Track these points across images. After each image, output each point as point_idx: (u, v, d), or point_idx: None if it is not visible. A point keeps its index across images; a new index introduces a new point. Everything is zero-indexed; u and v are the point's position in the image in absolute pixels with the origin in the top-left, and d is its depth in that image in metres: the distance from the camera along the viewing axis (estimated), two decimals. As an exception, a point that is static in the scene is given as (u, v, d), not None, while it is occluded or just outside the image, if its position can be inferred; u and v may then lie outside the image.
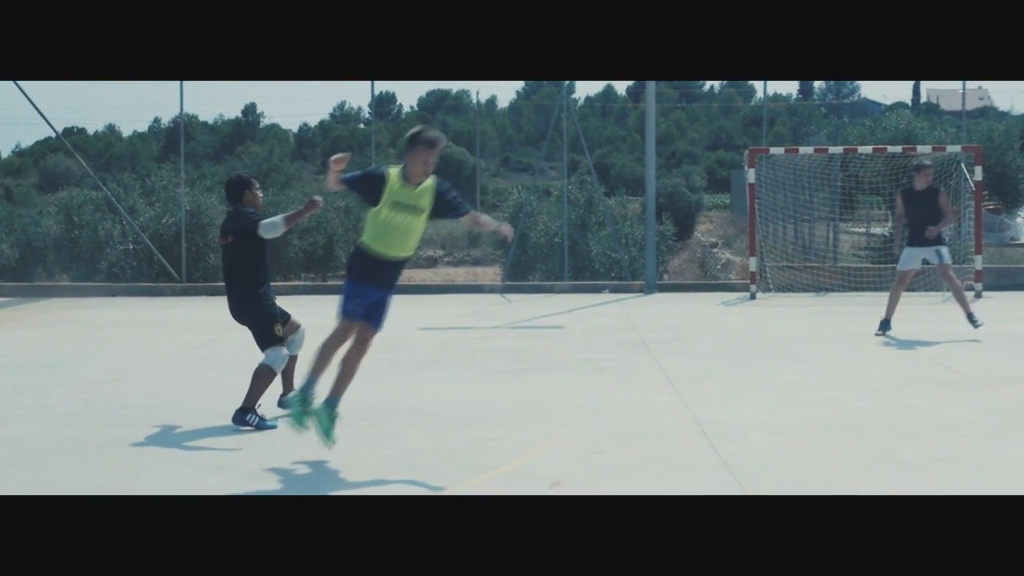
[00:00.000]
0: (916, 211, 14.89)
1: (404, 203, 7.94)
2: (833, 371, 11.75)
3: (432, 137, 7.95)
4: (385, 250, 8.05)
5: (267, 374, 9.35)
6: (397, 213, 7.96)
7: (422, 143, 7.87)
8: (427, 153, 7.87)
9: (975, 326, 14.52)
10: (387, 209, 7.93)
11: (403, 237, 8.08)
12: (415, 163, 7.89)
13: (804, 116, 70.23)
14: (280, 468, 7.80)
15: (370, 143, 31.93)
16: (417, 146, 7.87)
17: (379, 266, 8.08)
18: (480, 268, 37.28)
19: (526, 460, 7.94)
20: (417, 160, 7.88)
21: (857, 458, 7.91)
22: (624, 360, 12.71)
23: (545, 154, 30.80)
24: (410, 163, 7.91)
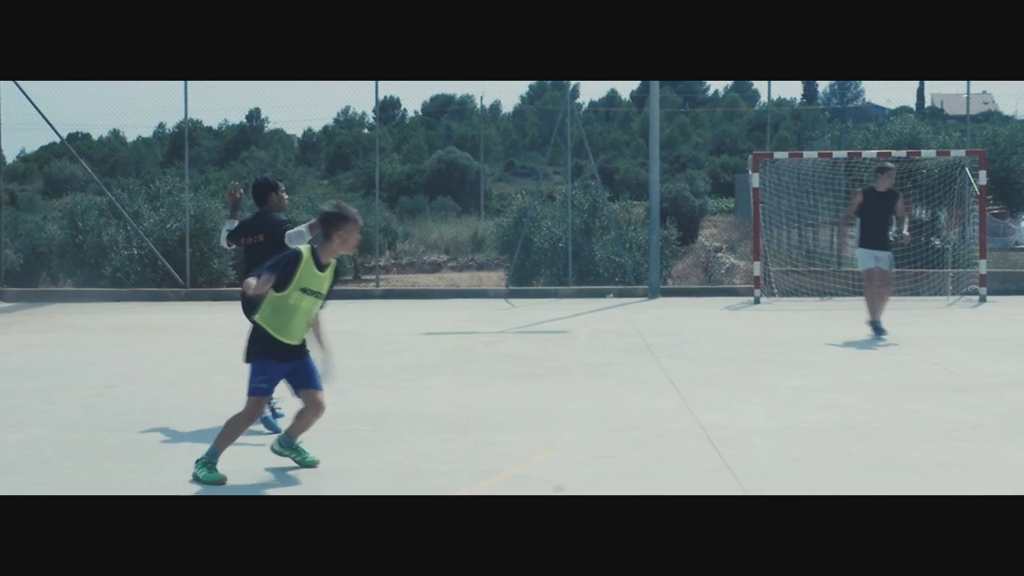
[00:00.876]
0: (875, 212, 15.21)
1: (311, 289, 7.47)
2: (837, 375, 11.73)
3: (356, 213, 7.54)
4: (289, 339, 7.50)
5: None
6: (304, 298, 7.47)
7: (352, 220, 7.45)
8: (355, 231, 7.47)
9: (877, 334, 14.94)
10: (296, 294, 7.42)
11: (305, 324, 7.58)
12: (341, 242, 7.45)
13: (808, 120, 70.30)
14: (282, 472, 7.79)
15: (374, 148, 31.89)
16: (348, 222, 7.42)
17: (285, 348, 7.51)
18: (484, 273, 37.29)
19: (530, 465, 7.93)
20: (345, 238, 7.43)
21: (861, 463, 7.90)
22: (628, 365, 12.69)
23: (549, 159, 30.84)
24: (336, 242, 7.44)
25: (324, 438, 8.94)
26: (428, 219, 51.30)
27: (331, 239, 7.46)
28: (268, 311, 7.46)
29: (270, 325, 7.43)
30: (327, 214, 7.49)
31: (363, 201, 35.48)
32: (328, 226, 7.45)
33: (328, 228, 7.45)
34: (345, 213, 7.47)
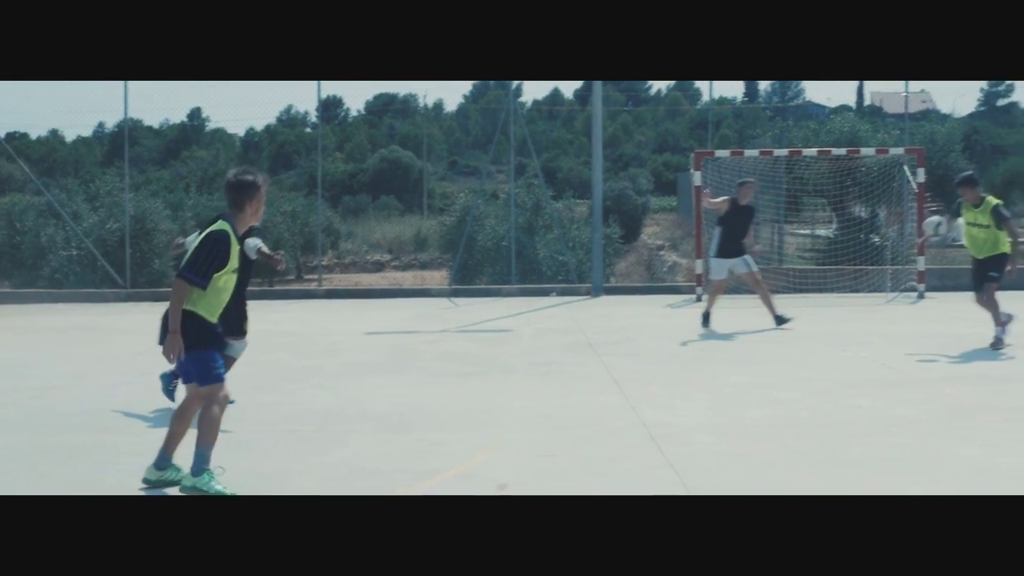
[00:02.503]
0: (734, 223, 15.80)
1: (235, 266, 7.30)
2: (779, 372, 11.83)
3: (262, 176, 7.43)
4: (217, 321, 7.30)
5: (229, 360, 9.78)
6: (232, 277, 7.32)
7: (262, 185, 7.33)
8: (263, 196, 7.35)
9: (780, 324, 15.67)
10: (228, 275, 7.25)
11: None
12: (253, 211, 7.30)
13: (750, 119, 70.81)
14: (225, 473, 7.74)
15: (317, 147, 31.78)
16: (260, 188, 7.29)
17: (217, 332, 7.33)
18: (427, 272, 37.23)
19: (473, 464, 7.94)
20: (257, 206, 7.30)
21: (803, 458, 7.97)
22: (571, 363, 12.73)
23: (492, 157, 30.81)
24: (248, 211, 7.27)
25: (267, 439, 8.91)
26: (371, 218, 51.15)
27: (244, 209, 7.26)
28: (202, 298, 7.15)
29: (206, 311, 7.18)
30: (240, 183, 7.26)
31: (306, 200, 35.29)
32: (241, 195, 7.23)
33: (241, 198, 7.23)
34: (256, 179, 7.32)
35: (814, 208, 30.56)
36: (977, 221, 13.71)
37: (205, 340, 7.15)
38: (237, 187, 7.27)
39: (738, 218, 15.81)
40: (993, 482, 7.16)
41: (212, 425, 7.20)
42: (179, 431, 7.39)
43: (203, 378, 7.22)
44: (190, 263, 7.09)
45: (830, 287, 22.21)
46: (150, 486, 7.33)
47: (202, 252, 7.08)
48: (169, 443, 7.38)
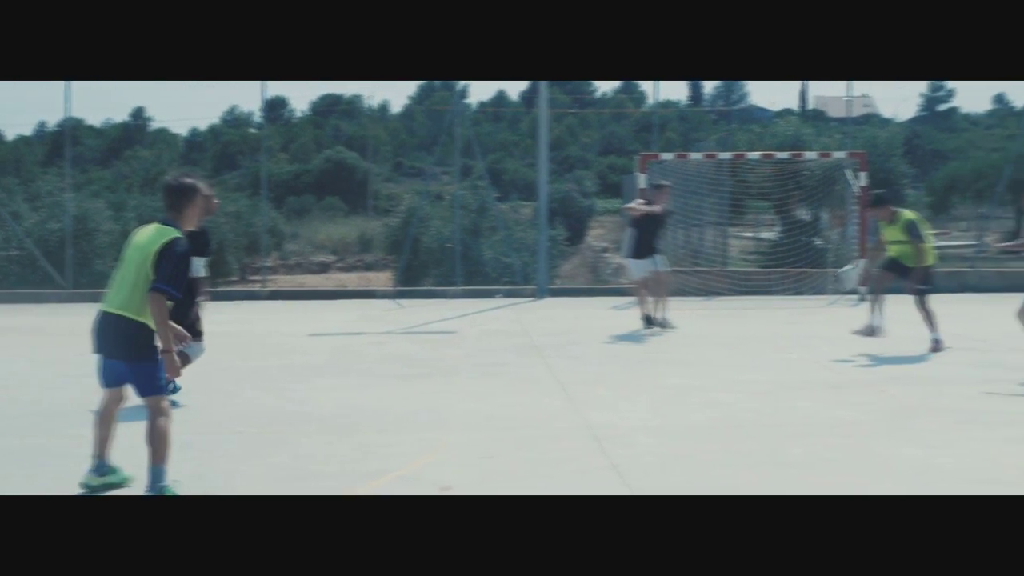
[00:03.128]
0: (650, 226, 16.04)
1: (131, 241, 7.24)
2: (721, 374, 11.90)
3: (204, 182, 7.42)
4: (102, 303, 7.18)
5: (185, 360, 9.67)
6: (124, 250, 7.23)
7: (201, 189, 7.28)
8: (199, 200, 7.28)
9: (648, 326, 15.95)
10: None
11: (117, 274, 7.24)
12: (192, 214, 7.25)
13: (694, 122, 71.15)
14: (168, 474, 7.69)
15: (261, 147, 31.60)
16: (199, 193, 7.23)
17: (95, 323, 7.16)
18: (372, 273, 37.15)
19: (417, 466, 7.93)
20: (195, 209, 7.26)
21: (744, 459, 8.02)
22: (516, 365, 12.75)
23: (438, 159, 30.81)
24: (188, 214, 7.20)
25: (210, 440, 8.86)
26: (316, 219, 50.94)
27: (183, 213, 7.15)
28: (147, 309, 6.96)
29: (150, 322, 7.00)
30: (181, 186, 7.15)
31: (250, 201, 35.08)
32: (181, 199, 7.13)
33: (180, 201, 7.12)
34: (196, 183, 7.24)
35: (758, 211, 30.82)
36: (895, 238, 13.85)
37: (155, 350, 7.01)
38: (177, 190, 7.17)
39: (655, 221, 16.02)
40: (933, 482, 7.25)
41: (165, 439, 7.03)
42: (106, 434, 7.33)
43: (153, 389, 7.07)
44: (170, 277, 6.89)
45: (773, 289, 22.37)
46: (90, 491, 7.24)
47: (180, 265, 6.96)
48: (100, 448, 7.31)
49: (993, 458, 7.96)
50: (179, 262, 6.96)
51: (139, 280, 6.95)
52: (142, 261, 6.96)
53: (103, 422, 7.34)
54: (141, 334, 6.99)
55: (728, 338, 15.17)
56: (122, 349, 7.05)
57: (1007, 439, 8.54)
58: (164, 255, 6.93)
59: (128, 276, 7.01)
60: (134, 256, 7.05)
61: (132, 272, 6.99)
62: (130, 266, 7.03)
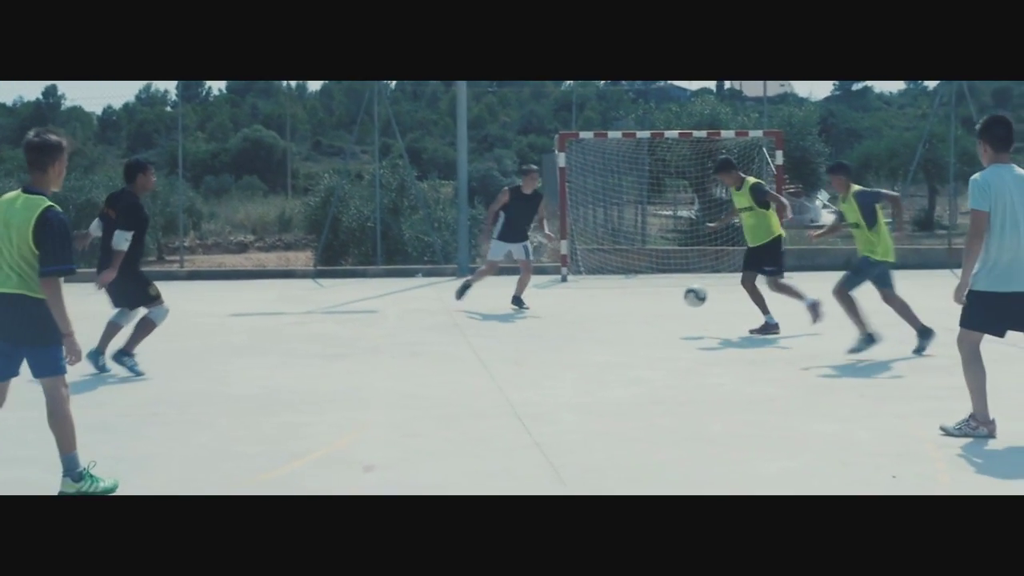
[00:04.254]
0: (519, 210, 15.96)
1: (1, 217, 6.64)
2: (642, 351, 11.99)
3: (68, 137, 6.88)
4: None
5: (150, 326, 10.88)
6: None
7: (67, 146, 6.76)
8: (64, 158, 6.74)
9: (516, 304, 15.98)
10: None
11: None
12: (57, 173, 6.71)
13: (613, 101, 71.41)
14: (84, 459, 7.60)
15: (177, 126, 31.26)
16: (64, 151, 6.72)
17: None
18: (292, 253, 36.91)
19: (340, 445, 7.91)
20: (60, 167, 6.72)
21: (666, 435, 8.10)
22: (438, 343, 12.75)
23: (356, 138, 30.67)
24: (52, 174, 6.67)
25: (130, 422, 8.78)
26: (234, 198, 50.51)
27: (47, 172, 6.66)
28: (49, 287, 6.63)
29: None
30: (45, 143, 6.62)
31: (167, 180, 34.68)
32: (44, 156, 6.61)
33: (44, 159, 6.62)
34: (62, 140, 6.74)
35: (676, 189, 31.01)
36: (741, 205, 13.53)
37: (58, 331, 6.63)
38: (41, 147, 6.62)
39: (522, 204, 15.91)
40: (851, 458, 7.36)
41: (71, 422, 6.74)
42: (70, 430, 6.77)
43: (55, 369, 6.72)
44: (57, 256, 6.51)
45: (692, 267, 22.54)
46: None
47: (62, 238, 6.56)
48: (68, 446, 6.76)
49: (909, 432, 8.10)
50: (60, 235, 6.54)
51: (16, 254, 6.53)
52: (17, 237, 6.51)
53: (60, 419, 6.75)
54: (45, 312, 6.59)
55: (648, 316, 15.28)
56: (26, 332, 6.63)
57: (923, 412, 8.68)
58: (42, 232, 6.50)
59: (12, 255, 6.53)
60: (6, 233, 6.54)
61: (14, 250, 6.53)
62: (5, 241, 6.54)
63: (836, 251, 23.15)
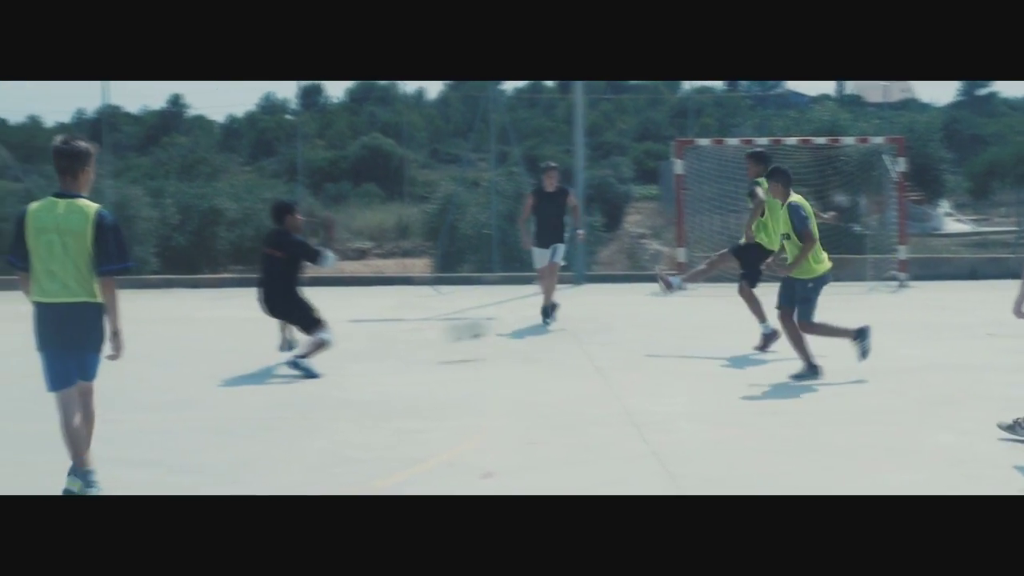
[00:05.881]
0: (546, 210, 15.33)
1: (47, 225, 6.71)
2: (759, 360, 11.86)
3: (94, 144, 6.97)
4: (42, 296, 6.77)
5: (324, 344, 11.51)
6: (40, 237, 6.71)
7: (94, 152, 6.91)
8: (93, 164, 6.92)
9: (545, 317, 15.16)
10: (32, 239, 6.73)
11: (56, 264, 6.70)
12: (87, 179, 6.87)
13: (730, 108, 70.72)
14: (205, 462, 7.73)
15: (297, 134, 31.69)
16: (92, 156, 6.86)
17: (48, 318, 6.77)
18: (410, 260, 37.16)
19: (456, 452, 7.94)
20: (91, 173, 6.89)
21: (785, 446, 8.00)
22: (554, 351, 12.74)
23: (473, 145, 30.81)
24: (83, 179, 6.82)
25: (251, 426, 8.91)
26: (353, 206, 50.97)
27: (78, 177, 6.81)
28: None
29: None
30: (77, 149, 6.78)
31: (287, 188, 35.16)
32: (76, 162, 6.75)
33: (76, 165, 6.76)
34: (90, 147, 6.88)
35: (796, 197, 30.63)
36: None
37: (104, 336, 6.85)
38: (73, 154, 6.76)
39: (547, 204, 15.33)
40: (972, 471, 7.20)
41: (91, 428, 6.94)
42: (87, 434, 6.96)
43: (95, 373, 6.95)
44: (118, 255, 6.73)
45: (811, 275, 22.18)
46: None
47: (120, 237, 6.78)
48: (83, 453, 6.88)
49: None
50: (116, 235, 6.76)
51: (80, 263, 6.67)
52: (76, 245, 6.66)
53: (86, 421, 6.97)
54: (101, 316, 6.78)
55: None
56: (88, 338, 6.79)
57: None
58: (100, 234, 6.68)
59: (67, 262, 6.66)
60: (64, 242, 6.67)
61: (71, 257, 6.66)
62: (62, 250, 6.67)
63: (961, 260, 22.72)
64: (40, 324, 6.77)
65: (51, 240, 6.67)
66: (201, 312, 17.61)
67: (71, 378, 6.84)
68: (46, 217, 6.71)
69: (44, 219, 6.70)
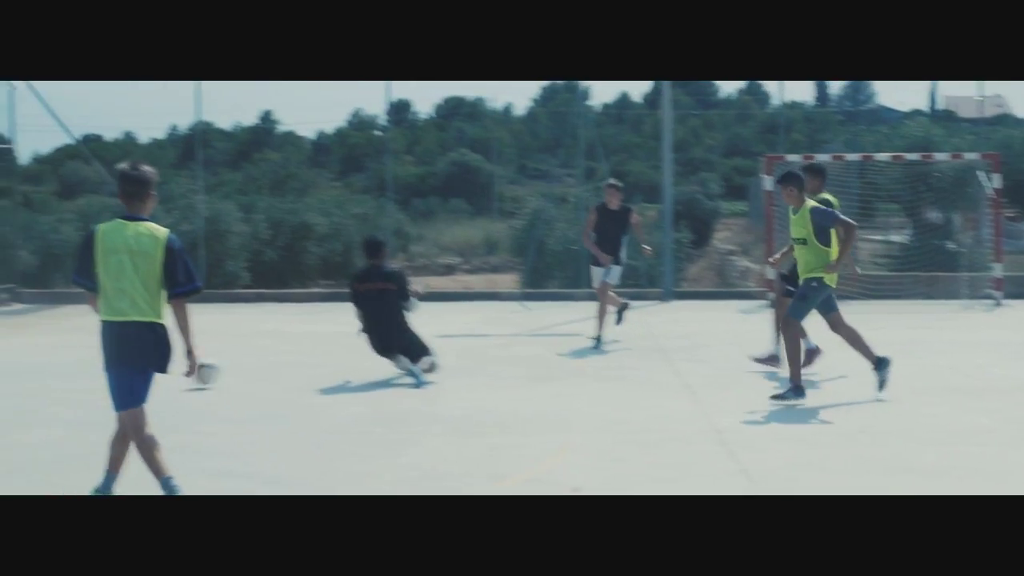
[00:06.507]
0: (608, 227, 15.05)
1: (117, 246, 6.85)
2: (850, 379, 11.72)
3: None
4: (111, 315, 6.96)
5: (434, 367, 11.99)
6: (110, 257, 6.85)
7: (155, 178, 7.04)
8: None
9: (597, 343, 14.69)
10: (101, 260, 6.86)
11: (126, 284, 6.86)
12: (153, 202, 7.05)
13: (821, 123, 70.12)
14: (292, 475, 7.80)
15: (386, 150, 31.93)
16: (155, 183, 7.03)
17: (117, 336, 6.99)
18: (498, 275, 37.25)
19: (544, 468, 7.94)
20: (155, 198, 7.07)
21: (875, 466, 7.90)
22: (642, 368, 12.70)
23: (561, 161, 30.82)
24: (150, 204, 7.00)
25: (340, 440, 8.98)
26: (441, 221, 51.19)
27: (146, 201, 6.99)
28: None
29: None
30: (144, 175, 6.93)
31: (375, 203, 35.44)
32: (144, 188, 6.92)
33: (143, 190, 6.92)
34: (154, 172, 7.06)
35: (887, 213, 30.27)
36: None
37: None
38: (141, 179, 6.93)
39: (610, 222, 15.07)
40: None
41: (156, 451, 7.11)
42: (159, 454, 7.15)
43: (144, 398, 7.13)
44: (191, 275, 7.06)
45: (904, 294, 21.95)
46: None
47: (188, 259, 7.08)
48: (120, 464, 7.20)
49: None
50: (186, 257, 7.05)
51: (150, 283, 6.88)
52: (147, 267, 6.85)
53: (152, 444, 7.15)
54: (167, 337, 7.02)
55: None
56: (151, 356, 7.02)
57: None
58: (171, 256, 6.91)
59: (136, 282, 6.85)
60: (135, 262, 6.84)
61: (141, 278, 6.85)
62: (134, 272, 6.84)
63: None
64: (108, 342, 7.01)
65: (121, 260, 6.84)
66: (290, 326, 17.79)
67: (141, 397, 7.09)
68: (116, 238, 6.86)
69: (115, 239, 6.86)
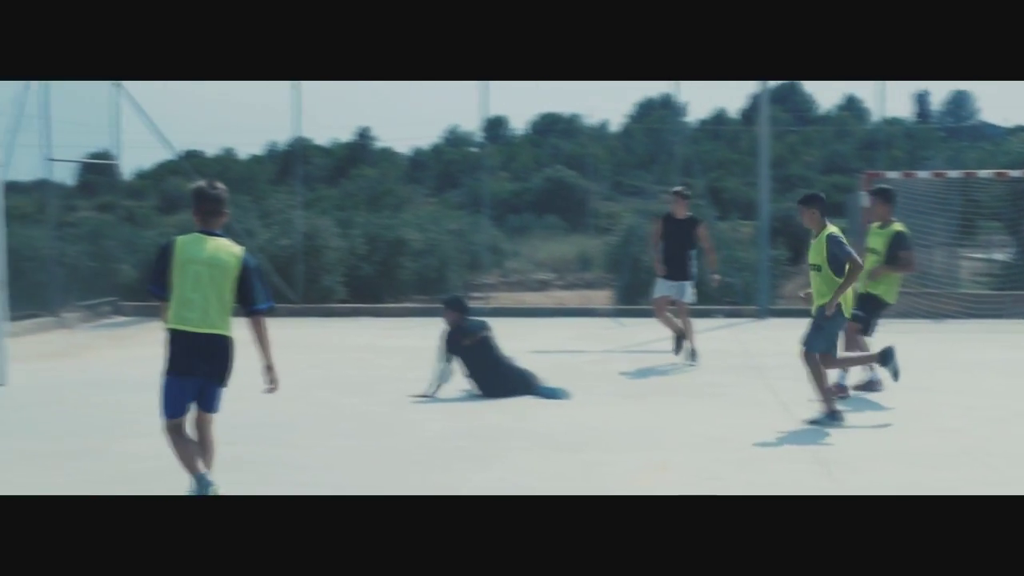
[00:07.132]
0: (673, 238, 14.64)
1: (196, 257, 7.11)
2: (950, 399, 11.53)
3: None
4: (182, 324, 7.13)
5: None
6: (187, 267, 7.09)
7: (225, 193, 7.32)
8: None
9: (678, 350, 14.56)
10: (178, 269, 7.10)
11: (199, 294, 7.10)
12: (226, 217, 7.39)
13: (921, 140, 69.16)
14: (384, 489, 7.83)
15: (481, 166, 32.04)
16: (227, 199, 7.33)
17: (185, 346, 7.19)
18: (592, 292, 37.19)
19: (638, 486, 7.90)
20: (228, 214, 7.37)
21: (976, 488, 7.75)
22: (738, 385, 12.59)
23: (656, 177, 30.69)
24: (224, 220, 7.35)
25: (433, 455, 9.01)
26: (535, 237, 51.24)
27: (221, 221, 7.36)
28: None
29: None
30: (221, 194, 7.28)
31: (471, 219, 35.58)
32: (222, 205, 7.31)
33: (221, 207, 7.32)
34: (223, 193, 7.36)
35: (989, 231, 29.75)
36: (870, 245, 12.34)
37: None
38: (219, 198, 7.26)
39: (675, 232, 14.66)
40: None
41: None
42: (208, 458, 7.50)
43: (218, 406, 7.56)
44: (268, 293, 7.43)
45: (1006, 313, 21.54)
46: None
47: (264, 277, 7.37)
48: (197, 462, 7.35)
49: None
50: (263, 275, 7.37)
51: (224, 296, 7.17)
52: (223, 279, 7.13)
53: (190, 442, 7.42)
54: (233, 353, 7.41)
55: (958, 363, 14.68)
56: (224, 370, 7.41)
57: None
58: (249, 273, 7.22)
59: (211, 294, 7.12)
60: (211, 274, 7.10)
61: (216, 290, 7.13)
62: (210, 283, 7.10)
63: None
64: (175, 351, 7.18)
65: (199, 272, 7.08)
66: (385, 340, 17.89)
67: (187, 407, 7.32)
68: (195, 249, 7.12)
69: (193, 251, 7.11)
